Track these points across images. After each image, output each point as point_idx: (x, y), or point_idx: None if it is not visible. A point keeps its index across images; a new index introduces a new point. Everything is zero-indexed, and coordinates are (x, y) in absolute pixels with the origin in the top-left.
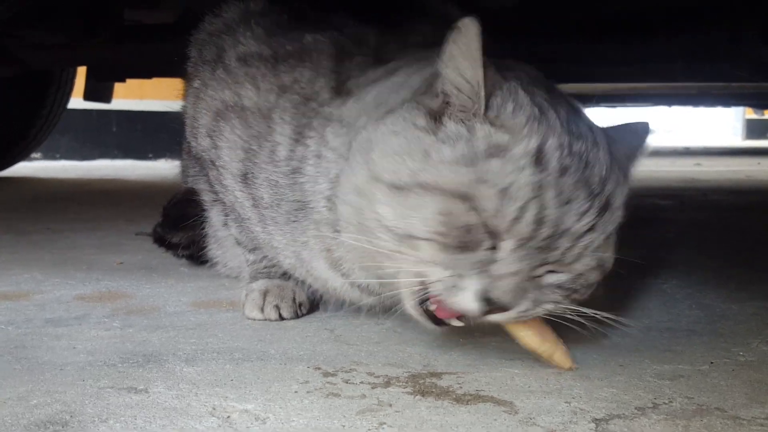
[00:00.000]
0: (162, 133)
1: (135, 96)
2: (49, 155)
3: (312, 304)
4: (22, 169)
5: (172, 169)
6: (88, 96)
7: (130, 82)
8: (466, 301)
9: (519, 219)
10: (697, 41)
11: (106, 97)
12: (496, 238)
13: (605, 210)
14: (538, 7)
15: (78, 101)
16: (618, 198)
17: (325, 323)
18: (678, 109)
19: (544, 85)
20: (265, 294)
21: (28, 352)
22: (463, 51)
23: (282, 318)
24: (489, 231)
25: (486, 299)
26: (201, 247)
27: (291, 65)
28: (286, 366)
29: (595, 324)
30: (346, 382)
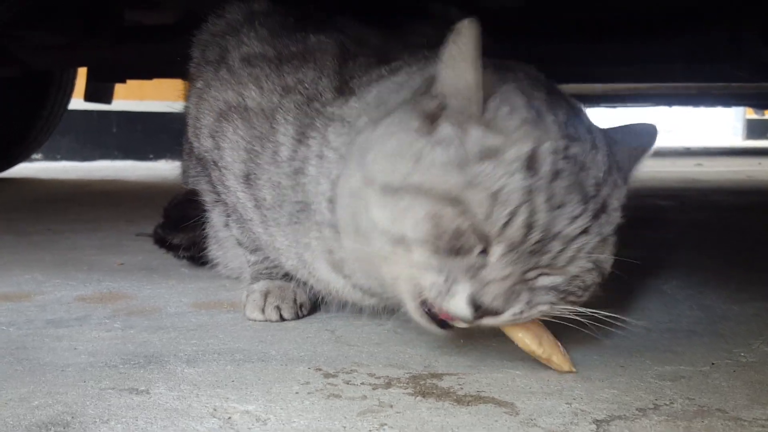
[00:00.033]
0: (162, 134)
1: (135, 97)
2: (50, 156)
3: (313, 305)
4: (23, 169)
5: (173, 169)
6: (89, 97)
7: (130, 82)
8: (457, 306)
9: (509, 224)
10: (697, 41)
11: (107, 97)
12: (487, 242)
13: (601, 213)
14: (539, 7)
15: (78, 102)
16: (616, 200)
17: (326, 324)
18: (678, 109)
19: (545, 85)
20: (266, 295)
21: (29, 353)
22: (462, 53)
23: (283, 319)
24: (479, 235)
25: (477, 304)
26: (202, 248)
27: (295, 66)
28: (287, 367)
29: (596, 325)
30: (347, 383)
